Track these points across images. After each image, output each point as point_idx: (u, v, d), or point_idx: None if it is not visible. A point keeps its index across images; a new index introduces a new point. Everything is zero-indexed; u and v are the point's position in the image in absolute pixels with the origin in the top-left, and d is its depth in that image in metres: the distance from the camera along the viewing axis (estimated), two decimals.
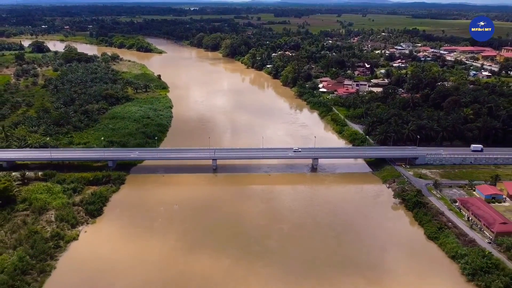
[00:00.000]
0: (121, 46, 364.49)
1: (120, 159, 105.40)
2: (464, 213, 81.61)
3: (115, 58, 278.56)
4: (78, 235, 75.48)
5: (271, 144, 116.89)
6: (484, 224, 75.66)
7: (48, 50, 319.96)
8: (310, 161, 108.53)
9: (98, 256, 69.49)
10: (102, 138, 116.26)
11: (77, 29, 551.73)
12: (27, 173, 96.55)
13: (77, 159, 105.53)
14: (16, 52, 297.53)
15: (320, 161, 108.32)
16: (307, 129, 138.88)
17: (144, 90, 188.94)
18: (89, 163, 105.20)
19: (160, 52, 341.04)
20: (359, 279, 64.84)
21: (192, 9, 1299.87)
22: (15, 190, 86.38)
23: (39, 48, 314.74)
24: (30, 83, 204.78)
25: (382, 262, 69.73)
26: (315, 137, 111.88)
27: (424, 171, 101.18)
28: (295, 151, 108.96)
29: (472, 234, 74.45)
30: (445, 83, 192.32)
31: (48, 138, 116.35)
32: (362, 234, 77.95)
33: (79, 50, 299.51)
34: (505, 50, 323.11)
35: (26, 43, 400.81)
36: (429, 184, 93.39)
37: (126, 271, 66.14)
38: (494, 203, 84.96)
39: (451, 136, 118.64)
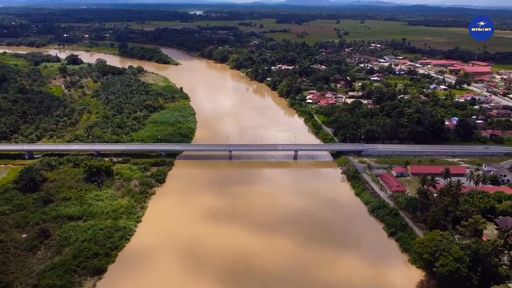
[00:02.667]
0: (141, 57, 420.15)
1: (169, 151, 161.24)
2: (380, 182, 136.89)
3: (140, 70, 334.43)
4: (155, 192, 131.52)
5: (268, 141, 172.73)
6: (388, 188, 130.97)
7: (82, 61, 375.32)
8: (292, 152, 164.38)
9: (167, 202, 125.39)
10: (159, 137, 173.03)
11: (95, 38, 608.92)
12: (113, 158, 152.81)
13: (141, 150, 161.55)
14: (58, 64, 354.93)
15: (300, 152, 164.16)
16: (293, 130, 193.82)
17: (171, 100, 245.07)
18: (148, 153, 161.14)
19: (176, 64, 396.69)
20: (315, 211, 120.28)
21: (197, 14, 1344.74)
22: (111, 167, 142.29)
23: (74, 60, 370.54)
24: (81, 94, 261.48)
25: (329, 204, 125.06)
26: (295, 137, 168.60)
27: (365, 159, 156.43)
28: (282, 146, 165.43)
29: (380, 193, 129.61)
30: (406, 96, 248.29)
31: (117, 136, 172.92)
32: (321, 192, 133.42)
33: (102, 59, 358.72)
34: (471, 64, 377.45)
35: (53, 52, 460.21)
36: (365, 166, 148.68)
37: (181, 207, 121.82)
38: (401, 177, 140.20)
39: (390, 137, 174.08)
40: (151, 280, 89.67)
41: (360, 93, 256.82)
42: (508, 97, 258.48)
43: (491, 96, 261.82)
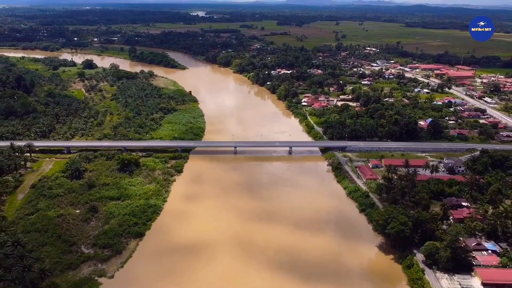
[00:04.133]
0: (151, 62, 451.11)
1: (184, 147, 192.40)
2: (358, 172, 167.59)
3: (151, 75, 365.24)
4: (175, 180, 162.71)
5: (267, 138, 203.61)
6: (363, 176, 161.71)
7: (96, 66, 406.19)
8: (287, 148, 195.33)
9: (186, 187, 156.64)
10: (176, 135, 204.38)
11: (104, 42, 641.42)
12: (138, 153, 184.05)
13: (161, 146, 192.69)
14: (75, 69, 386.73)
15: (294, 148, 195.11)
16: (289, 130, 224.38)
17: (182, 103, 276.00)
18: (166, 149, 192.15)
19: (183, 68, 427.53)
20: (304, 195, 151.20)
21: (200, 15, 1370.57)
22: (139, 160, 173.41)
23: (90, 65, 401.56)
24: (101, 97, 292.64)
25: (316, 189, 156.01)
26: (289, 135, 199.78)
27: (348, 154, 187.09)
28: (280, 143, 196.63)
29: (357, 180, 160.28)
30: (390, 99, 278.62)
31: (139, 135, 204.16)
32: (310, 180, 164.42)
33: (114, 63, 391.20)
34: (456, 69, 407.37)
35: (66, 56, 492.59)
36: (347, 160, 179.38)
37: (197, 190, 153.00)
38: (376, 168, 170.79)
39: (371, 135, 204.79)
40: (176, 241, 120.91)
41: (350, 97, 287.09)
42: (483, 100, 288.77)
43: (470, 98, 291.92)
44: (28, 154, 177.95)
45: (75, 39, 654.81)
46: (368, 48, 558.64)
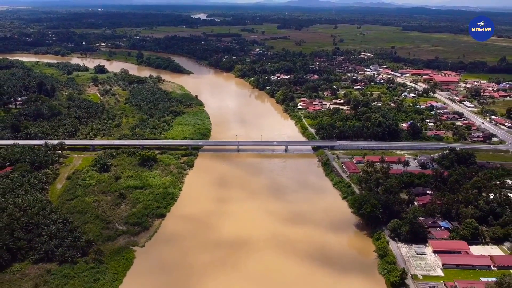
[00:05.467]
0: (157, 67, 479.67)
1: (194, 145, 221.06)
2: (343, 167, 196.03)
3: (159, 79, 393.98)
4: (188, 173, 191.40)
5: (266, 138, 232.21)
6: (347, 170, 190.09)
7: (107, 71, 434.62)
8: (284, 146, 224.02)
9: (197, 179, 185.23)
10: (186, 135, 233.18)
11: (111, 46, 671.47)
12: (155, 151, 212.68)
13: (174, 145, 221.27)
14: (87, 73, 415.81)
15: (289, 147, 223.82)
16: (285, 130, 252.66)
17: (189, 106, 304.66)
18: (178, 147, 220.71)
19: (189, 73, 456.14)
20: (299, 185, 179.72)
21: (201, 18, 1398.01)
22: (156, 156, 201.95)
23: (101, 70, 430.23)
24: (115, 101, 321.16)
25: (308, 181, 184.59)
26: (285, 135, 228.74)
27: (336, 152, 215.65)
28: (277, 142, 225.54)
29: (342, 174, 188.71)
30: (378, 103, 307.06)
31: (154, 135, 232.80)
32: (303, 174, 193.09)
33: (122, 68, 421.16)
34: (443, 74, 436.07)
35: (76, 60, 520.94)
36: (335, 157, 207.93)
37: (206, 180, 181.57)
38: (359, 164, 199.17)
39: (357, 135, 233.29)
40: (192, 219, 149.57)
41: (342, 101, 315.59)
42: (463, 103, 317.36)
43: (451, 102, 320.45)
44: (60, 151, 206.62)
45: (83, 43, 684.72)
46: (363, 53, 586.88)
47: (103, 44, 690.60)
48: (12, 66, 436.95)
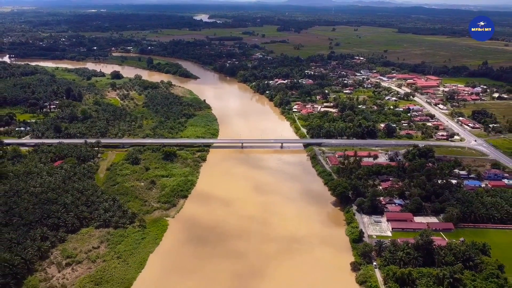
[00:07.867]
0: (167, 72, 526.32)
1: (206, 143, 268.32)
2: (327, 160, 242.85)
3: (170, 85, 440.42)
4: (202, 165, 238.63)
5: (265, 136, 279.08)
6: (330, 162, 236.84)
7: (122, 76, 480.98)
8: (280, 144, 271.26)
9: (210, 169, 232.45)
10: (199, 135, 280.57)
11: (121, 51, 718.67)
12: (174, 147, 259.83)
13: (189, 143, 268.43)
14: (105, 79, 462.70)
15: (284, 144, 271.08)
16: (281, 130, 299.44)
17: (199, 109, 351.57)
18: (193, 144, 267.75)
19: (195, 78, 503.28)
20: (293, 173, 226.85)
21: (203, 20, 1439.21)
22: (176, 152, 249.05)
23: (117, 75, 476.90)
24: (134, 104, 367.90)
25: (299, 170, 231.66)
26: (281, 134, 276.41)
27: (323, 148, 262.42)
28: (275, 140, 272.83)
29: (326, 165, 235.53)
30: (363, 106, 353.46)
31: (172, 134, 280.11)
32: (294, 165, 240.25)
33: (134, 73, 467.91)
34: (425, 78, 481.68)
35: (90, 66, 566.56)
36: (321, 152, 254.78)
37: (217, 171, 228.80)
38: (340, 157, 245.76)
39: (341, 134, 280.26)
40: (209, 198, 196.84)
41: (331, 104, 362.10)
42: (438, 106, 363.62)
43: (428, 105, 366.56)
44: (97, 148, 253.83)
45: (95, 48, 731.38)
46: (356, 58, 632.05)
47: (113, 49, 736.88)
48: (36, 72, 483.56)
